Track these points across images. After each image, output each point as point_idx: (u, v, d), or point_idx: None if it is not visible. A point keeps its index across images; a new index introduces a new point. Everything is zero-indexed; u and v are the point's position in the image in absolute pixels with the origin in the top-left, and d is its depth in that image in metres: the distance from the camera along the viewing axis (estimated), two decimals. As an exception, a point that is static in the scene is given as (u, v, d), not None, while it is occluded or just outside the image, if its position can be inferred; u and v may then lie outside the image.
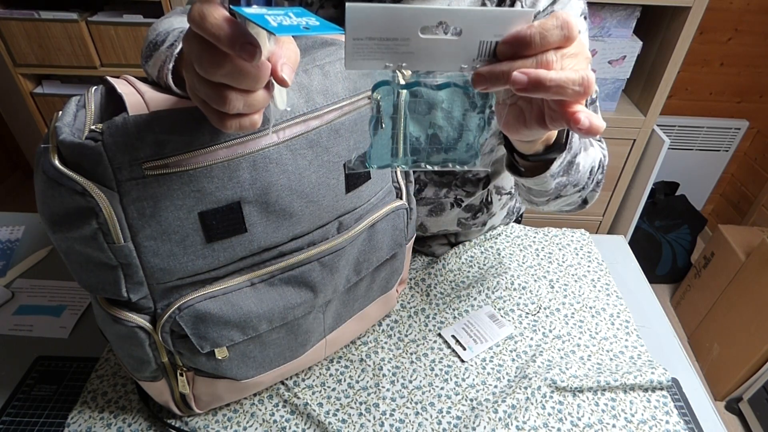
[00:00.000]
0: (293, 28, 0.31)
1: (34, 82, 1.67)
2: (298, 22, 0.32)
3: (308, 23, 0.32)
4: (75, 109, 0.44)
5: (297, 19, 0.32)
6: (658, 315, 0.81)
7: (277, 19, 0.31)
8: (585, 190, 0.64)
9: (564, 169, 0.55)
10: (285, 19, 0.32)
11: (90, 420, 0.62)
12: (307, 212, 0.52)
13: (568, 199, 0.65)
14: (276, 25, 0.31)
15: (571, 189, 0.61)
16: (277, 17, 0.32)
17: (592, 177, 0.64)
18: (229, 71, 0.32)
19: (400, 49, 0.34)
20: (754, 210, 2.00)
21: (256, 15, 0.31)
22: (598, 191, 0.67)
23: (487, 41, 0.34)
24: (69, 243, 0.45)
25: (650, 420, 0.65)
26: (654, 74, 1.52)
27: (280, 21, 0.31)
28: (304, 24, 0.32)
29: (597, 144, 0.68)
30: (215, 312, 0.50)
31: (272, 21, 0.31)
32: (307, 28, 0.32)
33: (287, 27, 0.31)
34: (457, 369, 0.70)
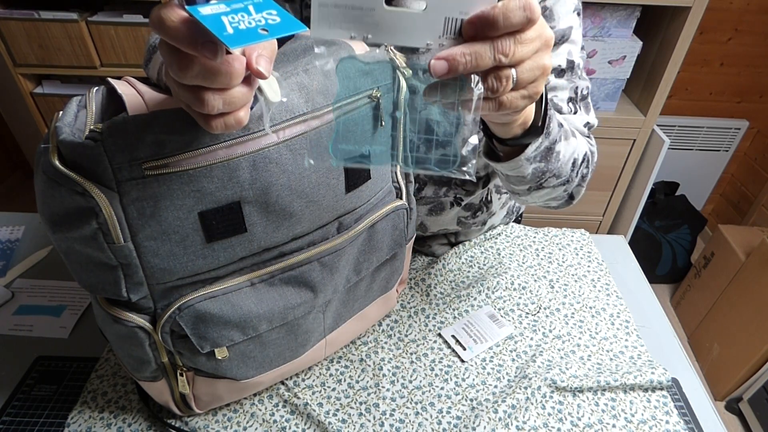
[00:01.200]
0: (251, 33, 0.30)
1: (34, 82, 1.67)
2: (257, 22, 0.31)
3: (268, 21, 0.31)
4: (76, 110, 0.44)
5: (257, 15, 0.31)
6: (658, 315, 0.81)
7: (235, 19, 0.30)
8: (570, 184, 0.64)
9: (541, 154, 0.54)
10: (243, 19, 0.31)
11: (90, 420, 0.62)
12: (307, 212, 0.52)
13: (552, 192, 0.64)
14: (232, 31, 0.30)
15: (554, 180, 0.60)
16: (236, 15, 0.31)
17: (576, 170, 0.63)
18: (198, 72, 0.31)
19: (365, 19, 0.33)
20: (754, 210, 2.00)
21: (211, 18, 0.30)
22: (584, 186, 0.67)
23: (452, 18, 0.34)
24: (69, 243, 0.45)
25: (650, 420, 0.65)
26: (654, 74, 1.52)
27: (237, 22, 0.30)
28: (263, 23, 0.31)
29: (584, 139, 0.67)
30: (215, 312, 0.50)
31: (228, 25, 0.30)
32: (266, 30, 0.31)
33: (244, 32, 0.30)
34: (457, 369, 0.70)
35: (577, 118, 0.68)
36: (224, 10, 0.31)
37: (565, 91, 0.68)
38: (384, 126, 0.56)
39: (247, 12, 0.31)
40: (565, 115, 0.68)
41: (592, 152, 0.68)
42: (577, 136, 0.62)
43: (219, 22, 0.30)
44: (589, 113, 0.70)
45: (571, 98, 0.68)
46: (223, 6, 0.31)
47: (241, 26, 0.31)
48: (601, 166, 1.66)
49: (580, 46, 0.68)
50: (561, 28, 0.66)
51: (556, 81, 0.68)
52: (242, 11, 0.31)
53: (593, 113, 0.71)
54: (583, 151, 0.64)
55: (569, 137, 0.59)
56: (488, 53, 0.34)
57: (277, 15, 0.32)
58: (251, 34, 0.30)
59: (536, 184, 0.60)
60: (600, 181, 1.70)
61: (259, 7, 0.32)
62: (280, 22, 0.32)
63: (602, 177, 1.69)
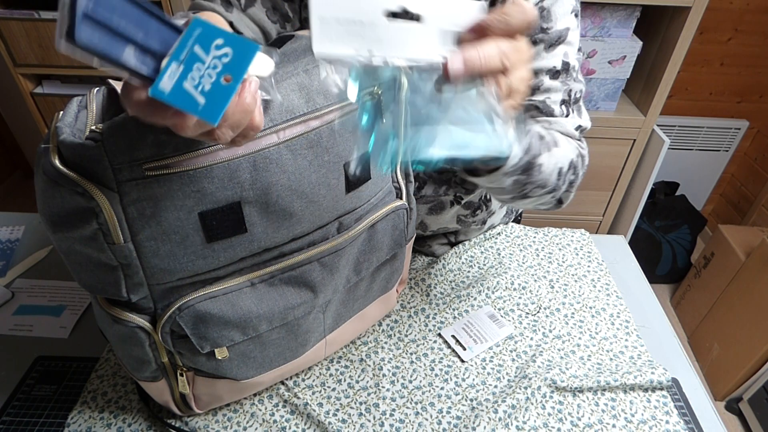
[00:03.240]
0: (220, 92, 0.30)
1: (34, 82, 1.66)
2: (215, 70, 0.30)
3: (223, 61, 0.31)
4: (76, 110, 0.44)
5: (210, 59, 0.31)
6: (658, 315, 0.81)
7: (195, 78, 0.30)
8: (557, 191, 0.63)
9: (522, 168, 0.54)
10: (202, 73, 0.30)
11: (90, 420, 0.62)
12: (307, 212, 0.52)
13: (539, 200, 0.64)
14: (203, 100, 0.30)
15: (539, 191, 0.60)
16: (194, 72, 0.30)
17: (562, 178, 0.62)
18: (194, 132, 0.32)
19: (366, 34, 0.33)
20: (754, 210, 2.00)
21: (177, 93, 0.30)
22: (573, 191, 0.66)
23: (449, 30, 0.34)
24: (69, 243, 0.45)
25: (650, 420, 0.65)
26: (654, 74, 1.52)
27: (200, 82, 0.30)
28: (221, 68, 0.30)
29: (573, 144, 0.67)
30: (215, 312, 0.50)
31: (195, 91, 0.30)
32: (228, 76, 0.30)
33: (215, 95, 0.30)
34: (457, 369, 0.70)
35: (569, 121, 0.68)
36: (181, 71, 0.30)
37: (558, 93, 0.68)
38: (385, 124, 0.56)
39: (199, 60, 0.31)
40: (557, 118, 0.68)
41: (582, 156, 0.67)
42: (560, 145, 0.61)
43: (186, 96, 0.30)
44: (581, 116, 0.70)
45: (565, 101, 0.68)
46: (175, 64, 0.30)
47: (206, 86, 0.30)
48: (601, 166, 1.66)
49: (577, 47, 0.68)
50: (558, 29, 0.66)
51: (550, 82, 0.67)
52: (195, 61, 0.31)
53: (586, 116, 0.71)
54: (569, 158, 0.63)
55: (551, 148, 0.59)
56: (496, 55, 0.34)
57: (225, 45, 0.31)
58: (222, 93, 0.30)
59: (519, 195, 0.60)
60: (600, 181, 1.70)
61: (203, 43, 0.31)
62: (233, 55, 0.31)
63: (602, 177, 1.69)
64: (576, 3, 0.66)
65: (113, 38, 0.29)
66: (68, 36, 0.27)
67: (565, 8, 0.65)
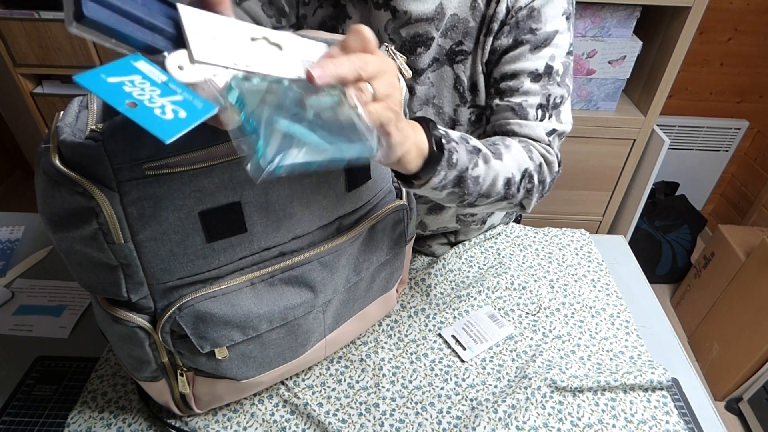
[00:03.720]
0: (177, 123, 0.31)
1: (34, 82, 1.66)
2: (164, 92, 0.31)
3: (170, 88, 0.32)
4: (77, 110, 0.44)
5: (151, 89, 0.31)
6: (658, 315, 0.81)
7: (153, 104, 0.31)
8: (512, 199, 0.63)
9: (452, 182, 0.55)
10: (142, 91, 0.31)
11: (90, 420, 0.62)
12: (307, 212, 0.52)
13: (492, 207, 0.63)
14: (161, 122, 0.30)
15: (485, 200, 0.60)
16: (139, 94, 0.31)
17: (513, 187, 0.61)
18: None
19: (238, 52, 0.35)
20: (754, 210, 2.00)
21: (148, 121, 0.30)
22: (534, 197, 0.66)
23: (305, 59, 0.38)
24: (69, 243, 0.45)
25: (650, 420, 0.65)
26: (654, 74, 1.52)
27: (162, 109, 0.31)
28: (172, 97, 0.31)
29: (534, 151, 0.65)
30: (215, 312, 0.50)
31: (160, 112, 0.30)
32: (181, 113, 0.31)
33: (174, 122, 0.31)
34: (457, 369, 0.70)
35: (541, 125, 0.67)
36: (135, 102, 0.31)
37: (536, 97, 0.67)
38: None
39: (138, 86, 0.31)
40: (528, 122, 0.67)
41: (548, 162, 0.66)
42: (504, 157, 0.60)
43: (154, 122, 0.30)
44: (560, 120, 0.69)
45: (542, 105, 0.67)
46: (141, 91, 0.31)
47: (154, 103, 0.31)
48: (601, 166, 1.66)
49: (566, 51, 0.67)
50: (546, 30, 0.65)
51: (529, 85, 0.66)
52: (129, 83, 0.31)
53: (567, 120, 0.70)
54: (520, 167, 0.62)
55: (490, 160, 0.58)
56: (347, 63, 0.38)
57: (157, 72, 0.32)
58: (183, 122, 0.31)
59: (464, 204, 0.60)
60: (600, 181, 1.70)
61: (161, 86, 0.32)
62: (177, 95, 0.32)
63: (602, 177, 1.69)
64: (569, 6, 0.66)
65: (120, 16, 0.30)
66: (76, 17, 0.28)
67: (557, 10, 0.65)
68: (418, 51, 0.68)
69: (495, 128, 0.69)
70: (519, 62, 0.66)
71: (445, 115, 0.71)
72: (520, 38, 0.65)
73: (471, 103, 0.71)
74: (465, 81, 0.69)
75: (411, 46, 0.67)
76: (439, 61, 0.69)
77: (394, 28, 0.67)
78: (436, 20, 0.65)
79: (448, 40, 0.67)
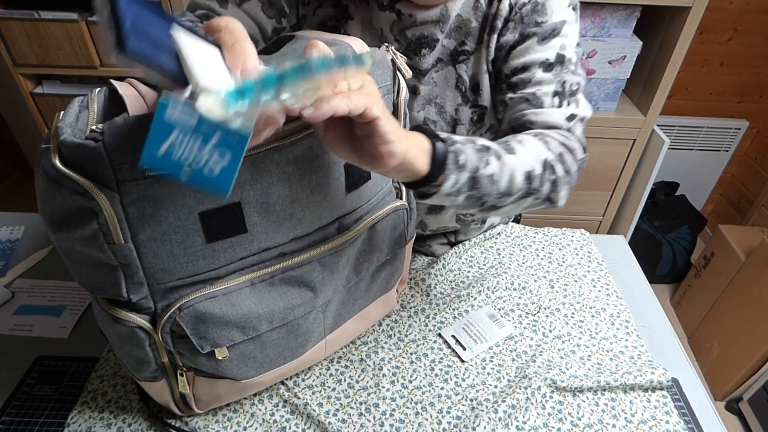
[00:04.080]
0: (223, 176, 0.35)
1: (34, 82, 1.66)
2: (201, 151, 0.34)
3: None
4: (77, 110, 0.44)
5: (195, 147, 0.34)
6: (658, 315, 0.81)
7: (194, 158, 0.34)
8: (537, 193, 0.59)
9: (466, 185, 0.53)
10: (182, 149, 0.34)
11: (90, 420, 0.62)
12: (307, 213, 0.52)
13: (518, 206, 0.60)
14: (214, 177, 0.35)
15: (507, 199, 0.57)
16: (182, 153, 0.34)
17: (536, 180, 0.58)
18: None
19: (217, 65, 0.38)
20: (754, 210, 2.00)
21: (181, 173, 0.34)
22: (563, 189, 0.62)
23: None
24: (69, 243, 0.45)
25: (650, 420, 0.65)
26: (654, 74, 1.52)
27: (203, 165, 0.34)
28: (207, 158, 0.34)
29: (557, 138, 0.63)
30: (215, 312, 0.50)
31: (208, 171, 0.34)
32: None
33: (222, 176, 0.35)
34: (457, 369, 0.70)
35: (559, 112, 0.65)
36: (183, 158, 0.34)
37: (550, 85, 0.65)
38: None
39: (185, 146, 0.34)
40: (544, 109, 0.65)
41: (570, 149, 0.63)
42: (518, 151, 0.58)
43: (205, 181, 0.35)
44: (578, 106, 0.67)
45: (558, 92, 0.66)
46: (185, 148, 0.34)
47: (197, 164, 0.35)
48: (601, 166, 1.66)
49: (576, 41, 0.67)
50: (553, 21, 0.65)
51: (541, 75, 0.65)
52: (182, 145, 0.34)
53: (586, 106, 0.68)
54: (539, 159, 0.59)
55: (502, 156, 0.56)
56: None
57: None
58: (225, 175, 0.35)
59: (487, 207, 0.57)
60: (600, 181, 1.70)
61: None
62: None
63: (602, 177, 1.69)
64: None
65: (155, 46, 0.33)
66: (118, 48, 0.30)
67: (562, 2, 0.65)
68: (423, 52, 0.68)
69: (511, 122, 0.67)
70: (528, 54, 0.65)
71: (446, 115, 0.71)
72: (526, 32, 0.65)
73: (473, 102, 0.71)
74: (467, 80, 0.70)
75: (416, 48, 0.68)
76: (443, 62, 0.69)
77: (400, 30, 0.67)
78: (441, 23, 0.66)
79: (452, 40, 0.68)
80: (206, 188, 0.35)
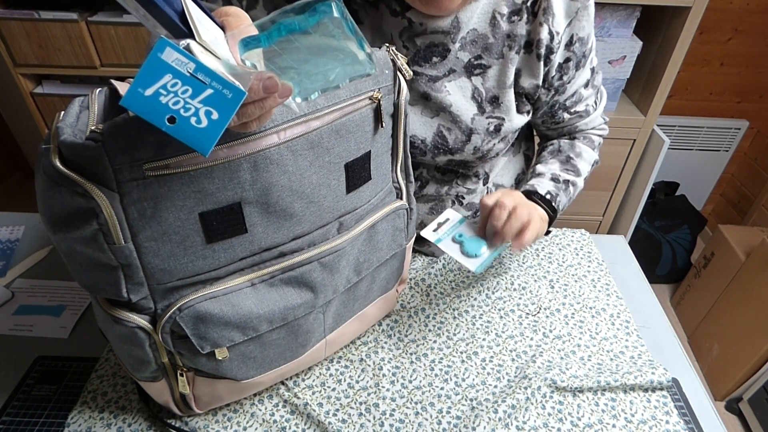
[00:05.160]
0: (212, 126, 0.33)
1: (34, 82, 1.66)
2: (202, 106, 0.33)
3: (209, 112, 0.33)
4: (78, 110, 0.44)
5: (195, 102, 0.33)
6: (658, 315, 0.81)
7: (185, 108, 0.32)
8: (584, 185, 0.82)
9: (562, 210, 0.76)
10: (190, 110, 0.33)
11: (90, 420, 0.62)
12: (307, 213, 0.52)
13: None
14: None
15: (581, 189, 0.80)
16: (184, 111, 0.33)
17: (587, 180, 0.81)
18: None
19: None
20: (754, 210, 2.00)
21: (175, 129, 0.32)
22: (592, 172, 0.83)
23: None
24: (69, 243, 0.45)
25: (650, 420, 0.65)
26: (654, 74, 1.52)
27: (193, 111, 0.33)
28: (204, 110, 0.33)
29: (597, 136, 0.83)
30: (215, 312, 0.50)
31: (195, 121, 0.32)
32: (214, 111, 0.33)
33: (209, 129, 0.33)
34: (457, 369, 0.70)
35: (598, 113, 0.81)
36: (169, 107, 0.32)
37: (592, 98, 0.78)
38: (384, 127, 0.56)
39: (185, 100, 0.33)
40: (591, 116, 0.80)
41: (600, 143, 0.83)
42: (582, 170, 0.80)
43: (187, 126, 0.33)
44: (602, 98, 0.81)
45: (596, 99, 0.79)
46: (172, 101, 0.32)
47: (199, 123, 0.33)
48: (602, 166, 1.66)
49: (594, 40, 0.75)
50: (589, 46, 0.73)
51: (585, 92, 0.77)
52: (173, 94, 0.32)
53: (605, 94, 0.82)
54: (591, 163, 0.81)
55: (577, 184, 0.79)
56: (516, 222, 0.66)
57: (210, 85, 0.33)
58: (215, 127, 0.33)
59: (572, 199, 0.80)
60: (600, 181, 1.70)
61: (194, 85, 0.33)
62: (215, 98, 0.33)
63: (602, 177, 1.69)
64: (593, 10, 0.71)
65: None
66: None
67: (591, 20, 0.70)
68: (434, 60, 0.68)
69: (564, 132, 0.83)
70: (575, 82, 0.74)
71: (462, 124, 0.72)
72: (579, 66, 0.73)
73: (489, 114, 0.72)
74: (483, 93, 0.71)
75: (426, 55, 0.68)
76: (456, 72, 0.69)
77: (409, 37, 0.67)
78: (452, 33, 0.66)
79: (466, 53, 0.68)
80: (188, 142, 0.33)
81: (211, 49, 0.35)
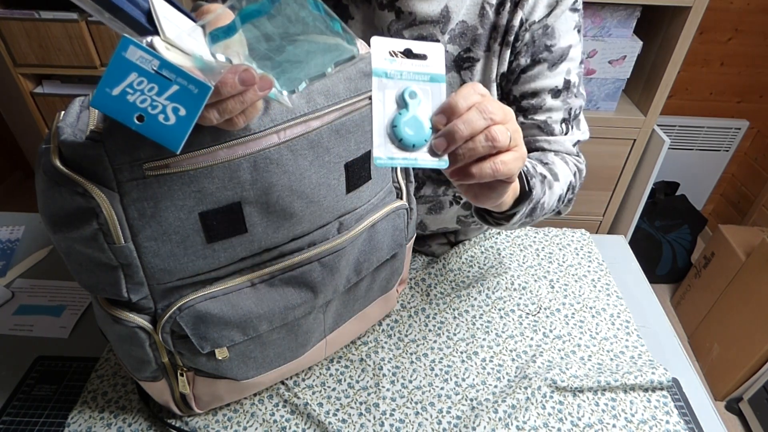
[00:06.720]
0: (181, 123, 0.33)
1: (34, 82, 1.66)
2: (165, 105, 0.33)
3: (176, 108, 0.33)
4: (78, 110, 0.44)
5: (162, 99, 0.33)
6: (658, 315, 0.81)
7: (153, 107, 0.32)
8: (556, 209, 0.69)
9: (527, 213, 0.60)
10: (157, 107, 0.32)
11: (90, 420, 0.62)
12: (307, 213, 0.52)
13: (538, 219, 0.69)
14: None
15: (540, 217, 0.66)
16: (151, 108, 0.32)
17: (562, 200, 0.67)
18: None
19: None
20: (754, 210, 2.00)
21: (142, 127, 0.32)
22: (571, 205, 0.72)
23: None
24: (69, 243, 0.45)
25: (650, 420, 0.65)
26: (654, 74, 1.52)
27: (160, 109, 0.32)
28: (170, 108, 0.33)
29: (570, 164, 0.70)
30: (216, 312, 0.50)
31: (163, 118, 0.32)
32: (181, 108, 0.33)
33: (177, 126, 0.33)
34: (457, 369, 0.70)
35: (567, 139, 0.71)
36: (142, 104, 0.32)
37: (559, 112, 0.70)
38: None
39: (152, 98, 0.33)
40: (556, 137, 0.70)
41: (580, 171, 0.71)
42: (560, 178, 0.65)
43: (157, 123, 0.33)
44: (580, 129, 0.73)
45: (565, 119, 0.70)
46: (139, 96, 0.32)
47: (154, 108, 0.33)
48: (601, 166, 1.66)
49: (579, 62, 0.70)
50: (561, 46, 0.67)
51: (551, 102, 0.69)
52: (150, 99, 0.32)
53: (585, 127, 0.73)
54: (567, 183, 0.67)
55: (553, 186, 0.64)
56: (479, 116, 0.39)
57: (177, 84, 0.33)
58: (184, 124, 0.33)
59: (525, 224, 0.66)
60: (600, 181, 1.70)
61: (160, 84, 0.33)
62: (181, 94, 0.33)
63: (602, 177, 1.69)
64: (579, 18, 0.68)
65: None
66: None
67: (569, 24, 0.66)
68: None
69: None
70: (539, 80, 0.68)
71: None
72: (537, 57, 0.67)
73: None
74: None
75: None
76: (446, 67, 0.69)
77: (398, 29, 0.67)
78: (441, 23, 0.65)
79: (456, 46, 0.68)
80: (158, 139, 0.33)
81: (177, 45, 0.34)
